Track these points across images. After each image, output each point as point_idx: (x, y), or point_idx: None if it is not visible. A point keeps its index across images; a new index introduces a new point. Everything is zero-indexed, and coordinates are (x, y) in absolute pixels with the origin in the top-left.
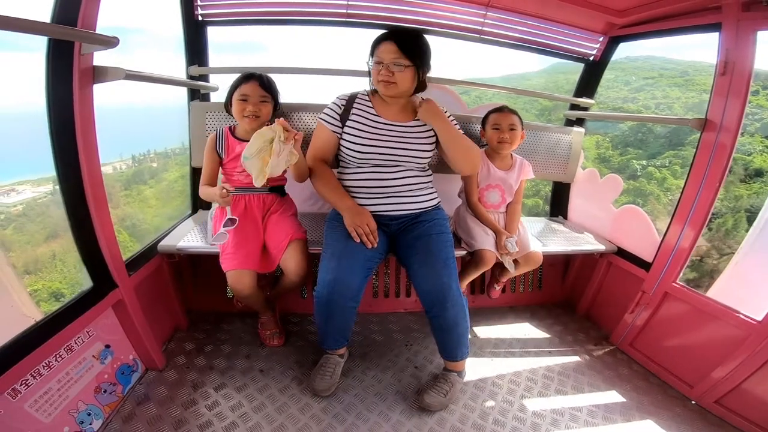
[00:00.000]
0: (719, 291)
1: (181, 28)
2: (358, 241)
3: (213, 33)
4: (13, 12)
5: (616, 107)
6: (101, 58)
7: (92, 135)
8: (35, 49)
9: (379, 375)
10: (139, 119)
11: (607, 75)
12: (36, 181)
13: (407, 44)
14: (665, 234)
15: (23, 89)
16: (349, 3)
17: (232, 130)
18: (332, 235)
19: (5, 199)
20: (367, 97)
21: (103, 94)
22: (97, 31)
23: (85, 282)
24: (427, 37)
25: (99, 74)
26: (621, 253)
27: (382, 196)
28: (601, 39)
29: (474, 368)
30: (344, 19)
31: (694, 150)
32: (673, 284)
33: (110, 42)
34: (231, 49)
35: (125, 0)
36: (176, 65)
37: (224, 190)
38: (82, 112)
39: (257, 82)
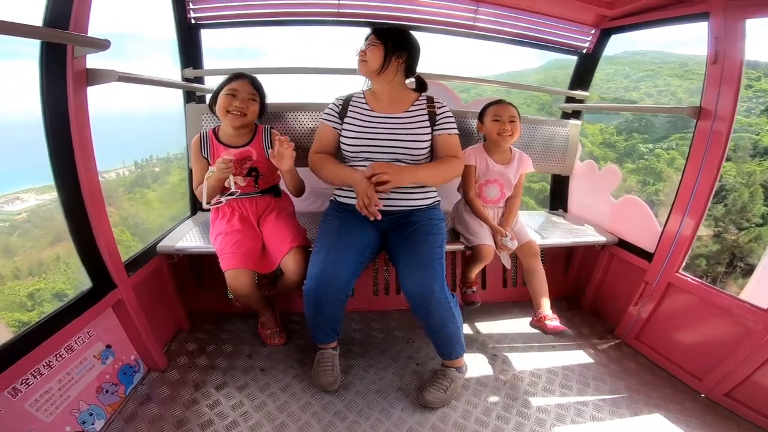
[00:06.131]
0: (751, 294)
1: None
2: (364, 213)
3: (210, 38)
4: (5, 16)
5: (617, 97)
6: (97, 63)
7: (88, 136)
8: (34, 56)
9: (381, 372)
10: (140, 126)
11: (607, 69)
12: (40, 189)
13: (381, 30)
14: (666, 223)
15: (24, 97)
16: (341, 2)
17: (215, 133)
18: (324, 229)
19: (10, 207)
20: (361, 95)
21: (105, 101)
22: (89, 35)
23: (86, 283)
24: (419, 33)
25: (92, 77)
26: (622, 244)
27: None
28: (593, 32)
29: (476, 364)
30: (336, 19)
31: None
32: (676, 274)
33: (102, 44)
34: (231, 54)
35: (121, 6)
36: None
37: (224, 159)
38: (77, 114)
39: (247, 80)
